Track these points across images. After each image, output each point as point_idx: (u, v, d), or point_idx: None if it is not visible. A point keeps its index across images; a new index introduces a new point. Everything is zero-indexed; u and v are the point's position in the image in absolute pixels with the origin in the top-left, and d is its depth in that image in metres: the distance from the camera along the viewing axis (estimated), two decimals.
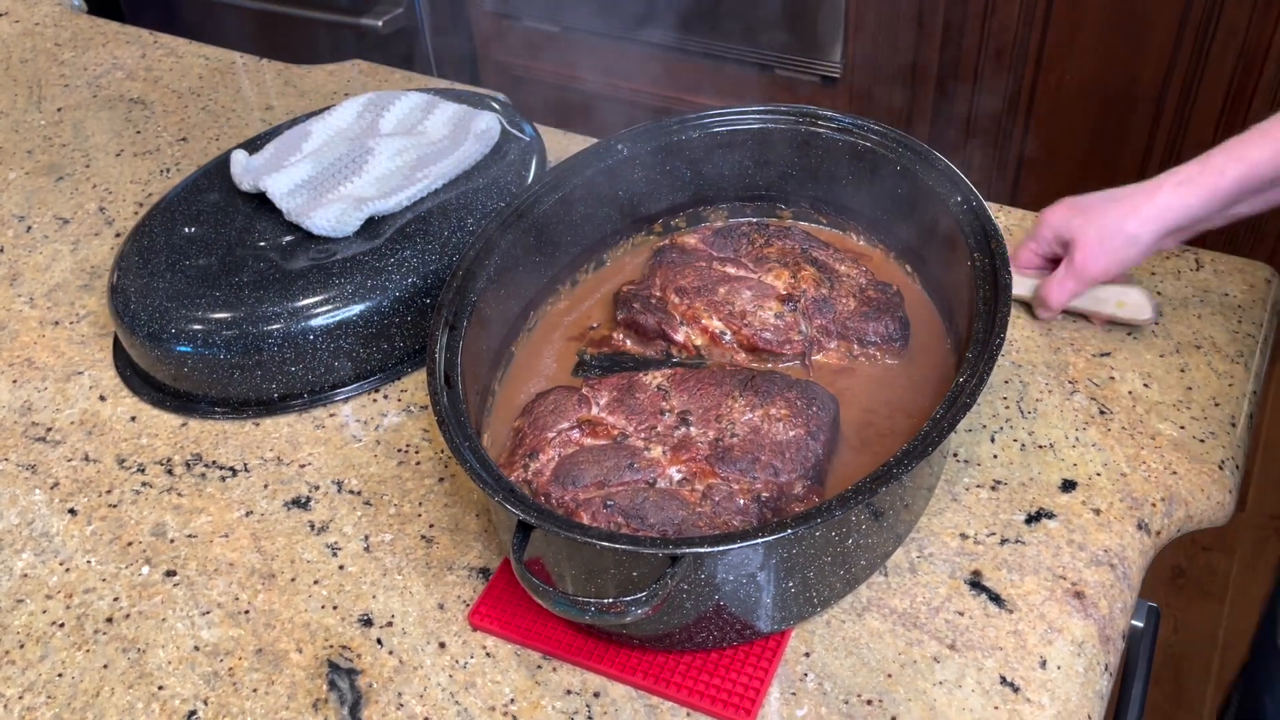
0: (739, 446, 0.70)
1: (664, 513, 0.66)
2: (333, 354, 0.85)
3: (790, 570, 0.62)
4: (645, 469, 0.69)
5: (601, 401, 0.74)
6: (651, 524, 0.66)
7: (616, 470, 0.69)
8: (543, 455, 0.72)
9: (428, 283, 0.86)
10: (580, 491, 0.69)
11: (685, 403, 0.73)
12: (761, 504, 0.67)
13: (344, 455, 0.82)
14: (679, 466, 0.70)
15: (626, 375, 0.77)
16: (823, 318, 0.80)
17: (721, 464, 0.69)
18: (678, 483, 0.69)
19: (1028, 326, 0.86)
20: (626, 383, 0.76)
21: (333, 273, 0.86)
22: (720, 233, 0.88)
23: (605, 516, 0.67)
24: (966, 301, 0.73)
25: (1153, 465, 0.75)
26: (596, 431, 0.73)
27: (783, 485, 0.68)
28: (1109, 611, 0.67)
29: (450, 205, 0.92)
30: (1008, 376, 0.82)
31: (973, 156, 1.84)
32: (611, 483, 0.69)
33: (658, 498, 0.67)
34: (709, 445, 0.70)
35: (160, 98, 1.27)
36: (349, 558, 0.75)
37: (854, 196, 0.87)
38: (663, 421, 0.72)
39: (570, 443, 0.72)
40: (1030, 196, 1.80)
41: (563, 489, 0.69)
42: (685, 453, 0.70)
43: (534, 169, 0.97)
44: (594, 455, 0.70)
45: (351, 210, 0.89)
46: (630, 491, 0.68)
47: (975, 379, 0.64)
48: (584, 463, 0.70)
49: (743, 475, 0.69)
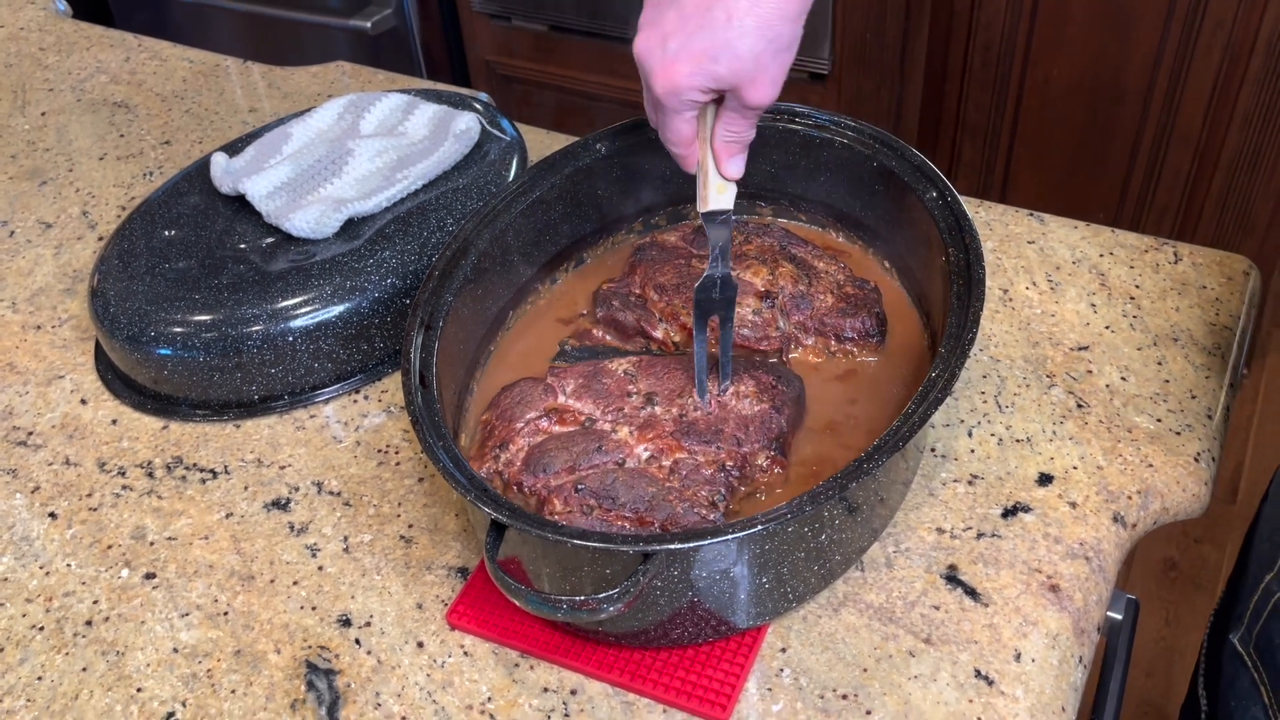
0: (704, 421, 0.71)
1: (634, 491, 0.67)
2: (313, 355, 0.85)
3: (764, 566, 0.63)
4: (614, 450, 0.70)
5: (568, 389, 0.75)
6: (623, 503, 0.67)
7: (586, 454, 0.70)
8: (512, 446, 0.72)
9: (407, 283, 0.87)
10: (551, 478, 0.70)
11: (652, 385, 0.74)
12: (727, 473, 0.69)
13: (324, 456, 0.83)
14: (646, 445, 0.71)
15: (592, 363, 0.78)
16: (800, 314, 0.81)
17: (687, 438, 0.70)
18: (646, 460, 0.70)
19: (1006, 320, 0.86)
20: (593, 369, 0.76)
21: (312, 274, 0.86)
22: (698, 231, 0.88)
23: (578, 501, 0.68)
24: (941, 297, 0.73)
25: (1129, 458, 0.75)
26: (564, 418, 0.74)
27: (746, 455, 0.70)
28: (1084, 604, 0.67)
29: (430, 206, 0.92)
30: (986, 371, 0.82)
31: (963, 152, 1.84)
32: (581, 466, 0.70)
33: (627, 477, 0.68)
34: (674, 421, 0.72)
35: (144, 101, 1.27)
36: (328, 558, 0.75)
37: (832, 193, 0.87)
38: (629, 403, 0.73)
39: (539, 431, 0.73)
40: (1022, 192, 1.81)
41: (534, 477, 0.70)
42: (651, 430, 0.71)
43: (515, 169, 0.97)
44: (563, 441, 0.71)
45: (331, 212, 0.89)
46: (600, 474, 0.69)
47: (948, 374, 0.65)
48: (553, 450, 0.71)
49: (708, 447, 0.70)
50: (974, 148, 1.81)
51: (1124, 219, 1.75)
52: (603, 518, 0.67)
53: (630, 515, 0.67)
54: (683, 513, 0.67)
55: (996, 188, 1.83)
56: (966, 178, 1.83)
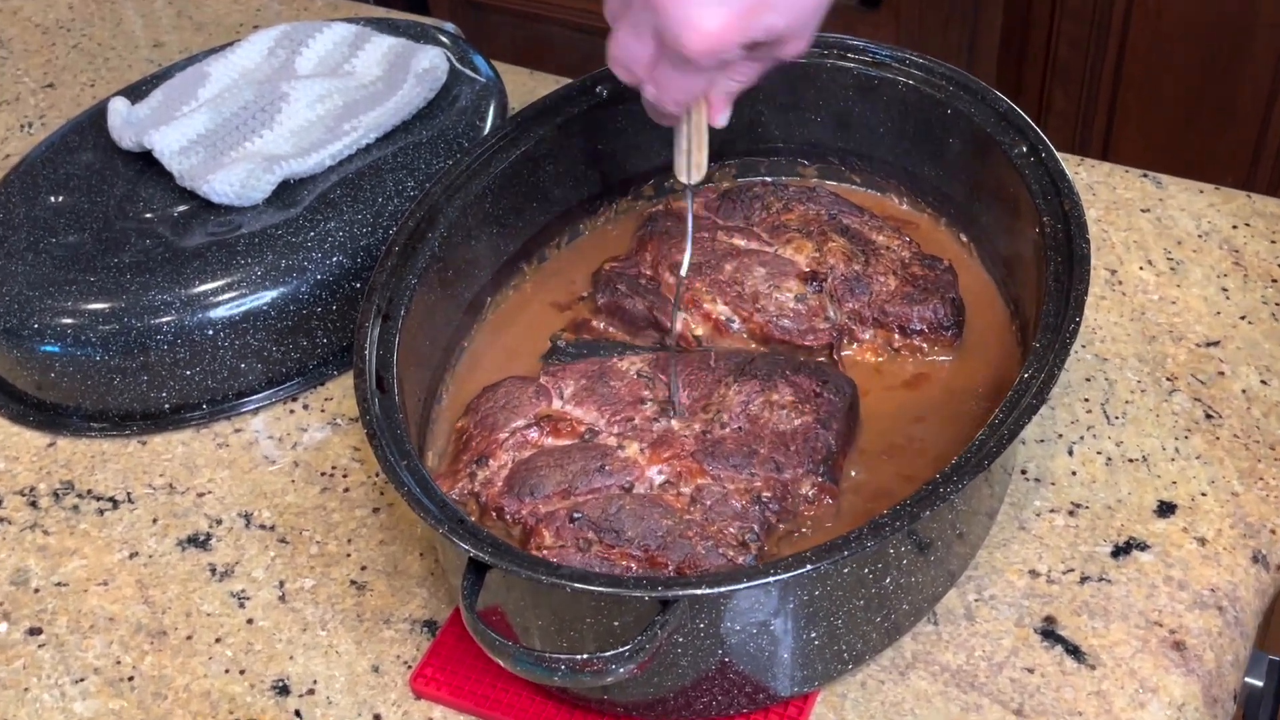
0: (732, 438, 0.71)
1: (644, 523, 0.67)
2: (239, 354, 0.86)
3: (814, 617, 0.63)
4: (620, 471, 0.71)
5: (566, 392, 0.76)
6: (629, 538, 0.67)
7: (584, 475, 0.70)
8: (493, 461, 0.73)
9: (358, 263, 0.87)
10: (540, 503, 0.70)
11: (669, 391, 0.75)
12: (763, 506, 0.69)
13: (253, 481, 0.83)
14: (660, 466, 0.71)
15: (598, 361, 0.78)
16: (856, 301, 0.81)
17: (712, 460, 0.70)
18: (660, 486, 0.70)
19: (1115, 309, 0.86)
20: (598, 369, 0.77)
21: (238, 251, 0.87)
22: (728, 196, 0.89)
23: (572, 533, 0.68)
24: (1034, 279, 0.74)
25: (1272, 482, 0.75)
26: (559, 429, 0.74)
27: (787, 483, 0.70)
28: (1216, 666, 0.68)
29: (385, 165, 0.93)
30: (1090, 373, 0.82)
31: (1053, 100, 1.85)
32: (579, 490, 0.70)
33: (636, 506, 0.68)
34: (695, 439, 0.72)
35: (20, 34, 1.27)
36: (260, 609, 0.76)
37: (894, 149, 0.88)
38: (641, 413, 0.74)
39: (527, 444, 0.74)
40: (1127, 149, 1.81)
41: (519, 501, 0.70)
42: (667, 449, 0.71)
43: (491, 117, 0.98)
44: (556, 458, 0.72)
45: (261, 172, 0.90)
46: (602, 500, 0.69)
47: (1044, 375, 0.65)
48: (544, 467, 0.71)
49: (738, 472, 0.70)
50: (1067, 95, 1.81)
51: (1258, 182, 1.75)
52: (603, 555, 0.68)
53: (638, 554, 0.67)
54: (704, 553, 0.67)
55: (1095, 145, 1.84)
56: (1059, 131, 1.84)
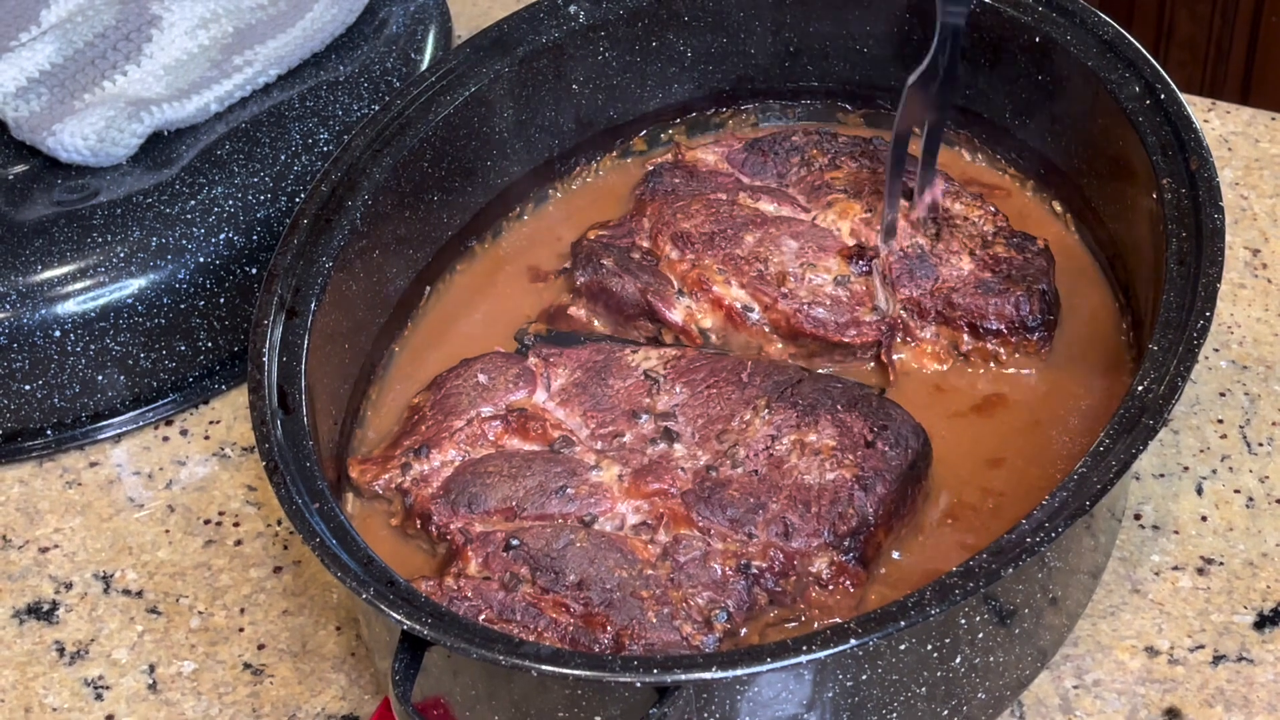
0: (740, 484, 0.71)
1: (593, 569, 0.68)
2: (94, 361, 0.86)
3: (860, 710, 0.63)
4: (583, 498, 0.72)
5: (555, 384, 0.77)
6: (569, 584, 0.68)
7: (539, 494, 0.71)
8: (436, 453, 0.74)
9: (253, 241, 0.88)
10: (477, 519, 0.71)
11: (681, 403, 0.75)
12: (750, 579, 0.69)
13: (114, 531, 0.83)
14: (639, 502, 0.72)
15: (607, 349, 0.79)
16: (915, 286, 0.81)
17: (705, 506, 0.71)
18: (631, 527, 0.71)
19: (1258, 301, 0.87)
20: (603, 360, 0.78)
21: (93, 225, 0.87)
22: (755, 147, 0.89)
23: (502, 563, 0.68)
24: (1150, 261, 0.74)
25: None
26: (528, 428, 0.75)
27: (793, 555, 0.70)
28: None
29: (290, 111, 0.93)
30: (1226, 385, 0.83)
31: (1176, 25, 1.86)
32: (526, 512, 0.71)
33: (589, 545, 0.69)
34: (694, 475, 0.72)
35: None
36: (123, 702, 0.76)
37: (966, 90, 0.88)
38: (634, 428, 0.74)
39: (484, 440, 0.75)
40: (1272, 88, 1.82)
41: (451, 511, 0.71)
42: (654, 482, 0.72)
43: (431, 48, 0.98)
44: (512, 466, 0.73)
45: (124, 120, 0.89)
46: (550, 530, 0.70)
47: (1165, 388, 0.65)
48: (493, 475, 0.72)
49: (733, 529, 0.70)
50: (1193, 19, 1.82)
51: None
52: (531, 600, 0.68)
53: (575, 606, 0.68)
54: (654, 623, 0.67)
55: (1232, 84, 1.84)
56: (1183, 66, 1.85)
